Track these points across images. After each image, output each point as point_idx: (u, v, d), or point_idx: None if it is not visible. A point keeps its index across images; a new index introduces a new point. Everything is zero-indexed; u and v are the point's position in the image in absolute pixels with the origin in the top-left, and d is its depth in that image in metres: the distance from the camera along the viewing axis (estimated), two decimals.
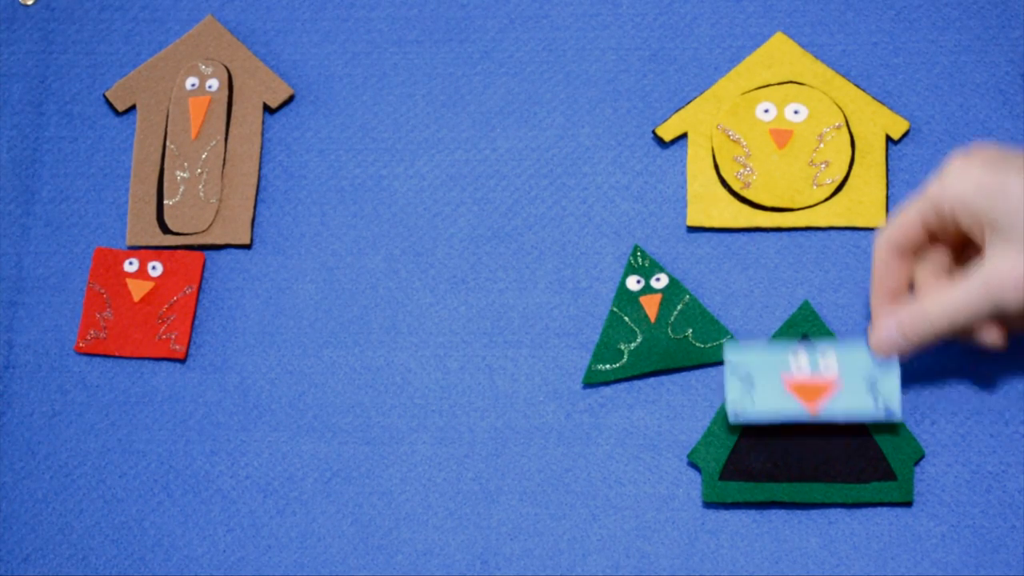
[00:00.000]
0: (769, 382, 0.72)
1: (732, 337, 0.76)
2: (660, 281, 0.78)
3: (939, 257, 0.72)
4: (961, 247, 0.72)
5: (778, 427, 0.74)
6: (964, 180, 0.67)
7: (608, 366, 0.76)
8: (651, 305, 0.77)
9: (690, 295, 0.77)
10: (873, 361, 0.71)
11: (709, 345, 0.76)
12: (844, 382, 0.71)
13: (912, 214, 0.70)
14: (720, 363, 0.76)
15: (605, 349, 0.77)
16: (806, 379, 0.72)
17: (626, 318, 0.77)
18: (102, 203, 0.84)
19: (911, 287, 0.72)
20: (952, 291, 0.69)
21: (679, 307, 0.77)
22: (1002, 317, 0.69)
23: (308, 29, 0.86)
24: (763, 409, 0.71)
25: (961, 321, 0.69)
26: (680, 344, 0.76)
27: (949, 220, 0.69)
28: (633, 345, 0.77)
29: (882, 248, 0.71)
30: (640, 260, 0.78)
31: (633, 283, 0.78)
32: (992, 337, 0.70)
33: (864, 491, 0.73)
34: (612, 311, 0.77)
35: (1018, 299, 0.66)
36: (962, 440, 0.74)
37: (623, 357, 0.76)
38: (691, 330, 0.77)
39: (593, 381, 0.77)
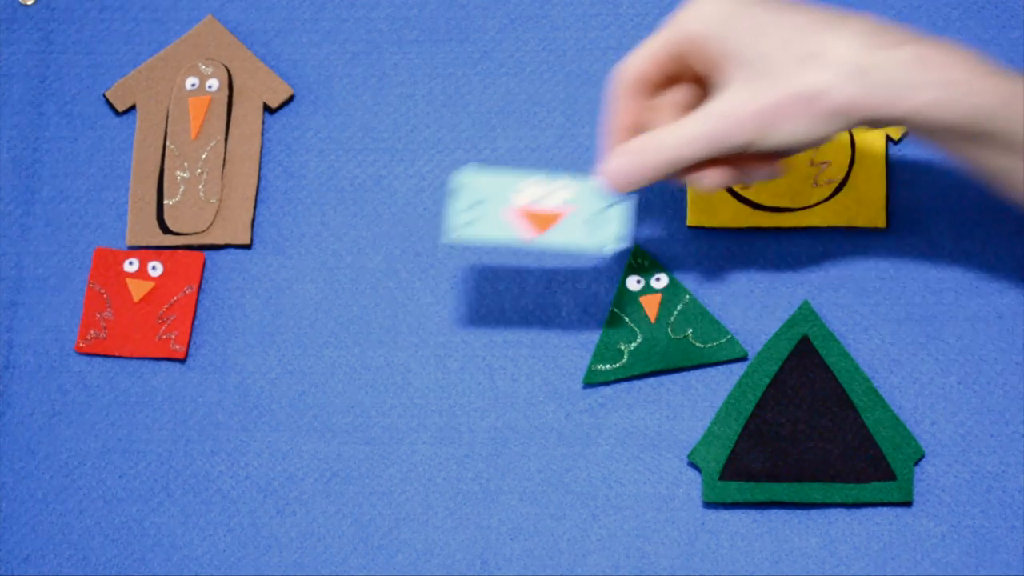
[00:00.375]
0: (495, 207, 0.70)
1: (732, 338, 0.76)
2: (660, 281, 0.78)
3: (679, 95, 0.70)
4: (703, 88, 0.70)
5: (778, 427, 0.74)
6: (706, 9, 0.66)
7: (608, 366, 0.76)
8: (651, 305, 0.77)
9: (690, 295, 0.77)
10: (606, 197, 0.70)
11: (709, 345, 0.76)
12: (572, 215, 0.70)
13: (653, 48, 0.68)
14: (720, 363, 0.76)
15: (605, 349, 0.77)
16: (535, 208, 0.70)
17: (626, 318, 0.77)
18: (102, 203, 0.84)
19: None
20: (680, 126, 0.67)
21: (679, 307, 0.77)
22: (735, 154, 0.68)
23: (308, 29, 0.86)
24: (482, 232, 0.70)
25: (685, 156, 0.67)
26: (680, 344, 0.76)
27: (690, 53, 0.68)
28: (633, 345, 0.77)
29: (620, 82, 0.70)
30: (640, 260, 0.78)
31: (633, 283, 0.78)
32: (714, 177, 0.69)
33: (864, 491, 0.73)
34: (612, 311, 0.77)
35: (741, 135, 0.66)
36: (962, 440, 0.74)
37: (623, 357, 0.76)
38: (691, 330, 0.77)
39: (593, 381, 0.77)
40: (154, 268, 0.81)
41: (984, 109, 0.65)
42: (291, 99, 0.84)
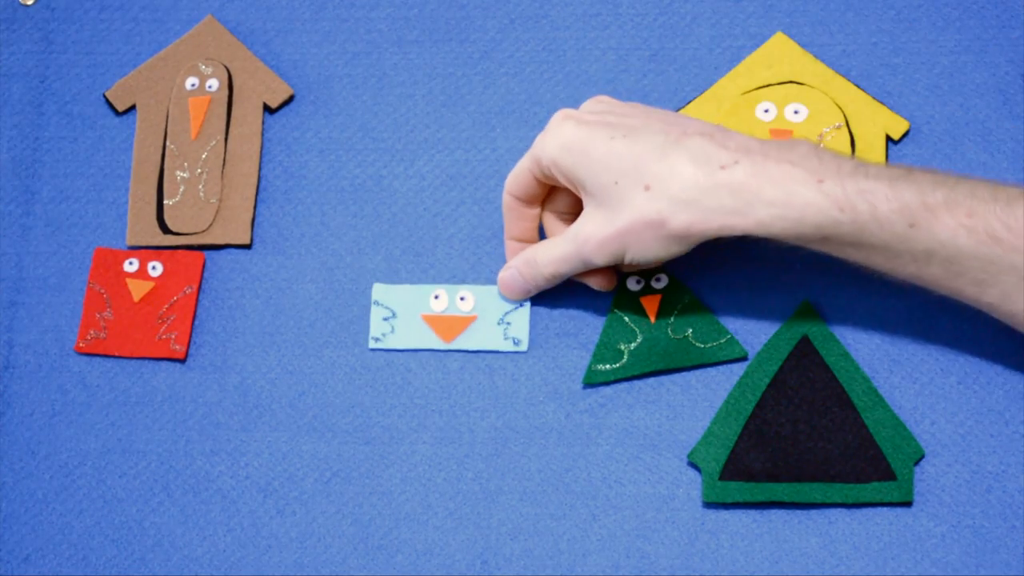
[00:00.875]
0: (409, 318, 0.78)
1: (732, 338, 0.76)
2: (660, 281, 0.78)
3: (561, 201, 0.76)
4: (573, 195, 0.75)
5: (778, 427, 0.74)
6: (558, 146, 0.72)
7: (608, 366, 0.76)
8: (651, 305, 0.77)
9: (691, 295, 0.77)
10: (506, 303, 0.78)
11: (709, 345, 0.76)
12: (480, 318, 0.78)
13: (521, 170, 0.75)
14: (720, 363, 0.76)
15: (605, 349, 0.77)
16: (444, 315, 0.78)
17: (626, 318, 0.77)
18: (102, 203, 0.84)
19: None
20: (553, 243, 0.74)
21: (679, 307, 0.77)
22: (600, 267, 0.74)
23: (308, 29, 0.86)
24: (401, 340, 0.78)
25: (562, 272, 0.75)
26: (680, 344, 0.76)
27: (550, 176, 0.73)
28: (633, 345, 0.77)
29: (505, 197, 0.76)
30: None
31: (633, 283, 0.78)
32: (598, 283, 0.77)
33: (864, 491, 0.73)
34: (612, 311, 0.77)
35: (601, 258, 0.72)
36: (962, 440, 0.74)
37: (623, 357, 0.76)
38: (691, 330, 0.77)
39: (593, 381, 0.77)
40: (154, 268, 0.81)
41: (815, 219, 0.68)
42: (291, 99, 0.84)
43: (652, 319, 0.77)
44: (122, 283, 0.81)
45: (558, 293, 0.79)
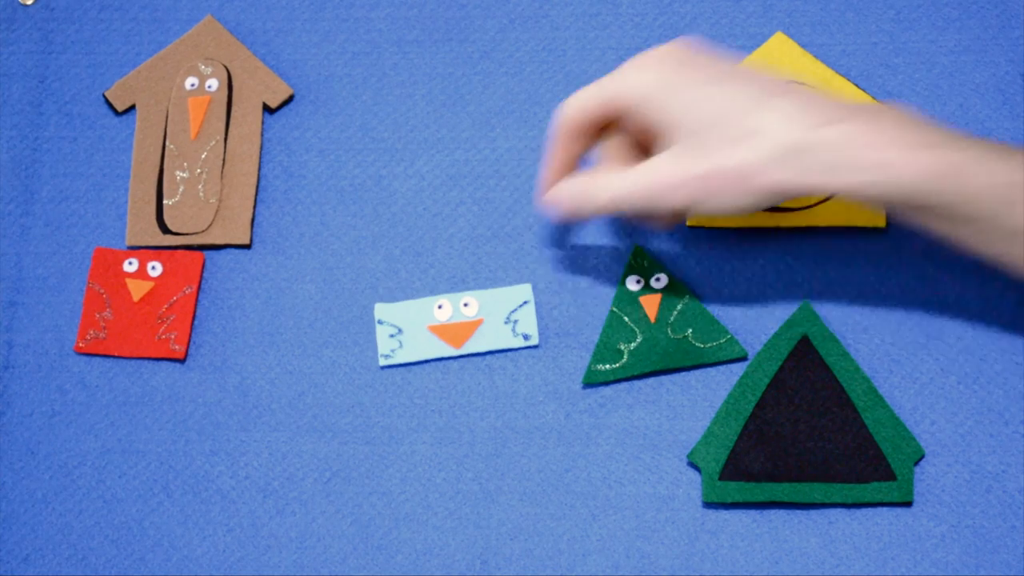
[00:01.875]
0: (416, 331, 0.78)
1: (732, 338, 0.76)
2: (660, 281, 0.78)
3: (622, 138, 0.74)
4: (642, 133, 0.73)
5: (778, 427, 0.74)
6: (643, 76, 0.69)
7: (608, 366, 0.76)
8: (651, 305, 0.77)
9: (690, 295, 0.77)
10: (512, 302, 0.78)
11: (709, 345, 0.76)
12: (486, 321, 0.78)
13: (595, 98, 0.71)
14: (720, 363, 0.76)
15: (605, 349, 0.77)
16: (451, 323, 0.78)
17: (626, 318, 0.77)
18: (102, 203, 0.83)
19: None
20: (619, 176, 0.71)
21: (679, 307, 0.77)
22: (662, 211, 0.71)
23: (308, 29, 0.86)
24: (411, 354, 0.78)
25: (621, 204, 0.71)
26: (680, 344, 0.76)
27: (626, 112, 0.71)
28: (633, 345, 0.77)
29: (561, 124, 0.73)
30: (640, 260, 0.78)
31: (633, 283, 0.78)
32: (660, 224, 0.75)
33: (864, 491, 0.73)
34: (612, 311, 0.77)
35: (675, 199, 0.69)
36: (962, 440, 0.74)
37: (623, 357, 0.76)
38: (691, 330, 0.77)
39: (593, 381, 0.77)
40: (154, 268, 0.81)
41: (914, 186, 0.66)
42: (291, 99, 0.84)
43: (652, 319, 0.77)
44: (122, 283, 0.81)
45: (558, 293, 0.79)
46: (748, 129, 0.67)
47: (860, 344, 0.76)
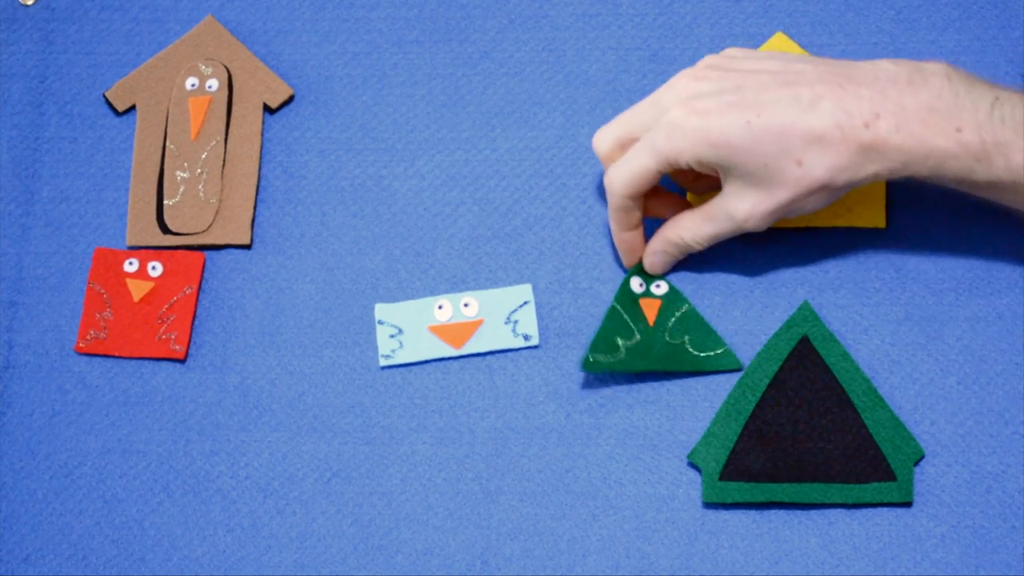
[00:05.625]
0: (417, 331, 0.78)
1: (728, 349, 0.76)
2: (660, 288, 0.78)
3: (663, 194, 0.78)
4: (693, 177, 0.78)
5: (778, 427, 0.74)
6: (691, 139, 0.71)
7: (605, 357, 0.76)
8: (650, 309, 0.77)
9: (689, 305, 0.77)
10: (511, 302, 0.79)
11: (705, 354, 0.76)
12: (486, 321, 0.78)
13: (646, 169, 0.73)
14: (716, 372, 0.76)
15: (603, 341, 0.76)
16: (451, 324, 0.78)
17: (626, 316, 0.77)
18: (102, 203, 0.83)
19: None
20: (701, 223, 0.75)
21: (676, 315, 0.77)
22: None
23: (308, 29, 0.86)
24: (412, 354, 0.78)
25: (713, 242, 0.76)
26: (676, 349, 0.76)
27: (680, 170, 0.75)
28: (631, 343, 0.77)
29: (618, 201, 0.75)
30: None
31: (636, 285, 0.78)
32: None
33: (864, 491, 0.73)
34: (613, 306, 0.77)
35: (760, 227, 0.74)
36: (962, 440, 0.74)
37: (620, 352, 0.76)
38: (688, 337, 0.77)
39: (590, 370, 0.76)
40: (154, 268, 0.81)
41: (953, 170, 0.71)
42: (291, 99, 0.84)
43: (650, 322, 0.77)
44: (122, 283, 0.81)
45: (558, 293, 0.79)
46: (803, 153, 0.70)
47: (860, 344, 0.76)
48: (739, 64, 0.73)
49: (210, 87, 0.84)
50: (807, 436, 0.74)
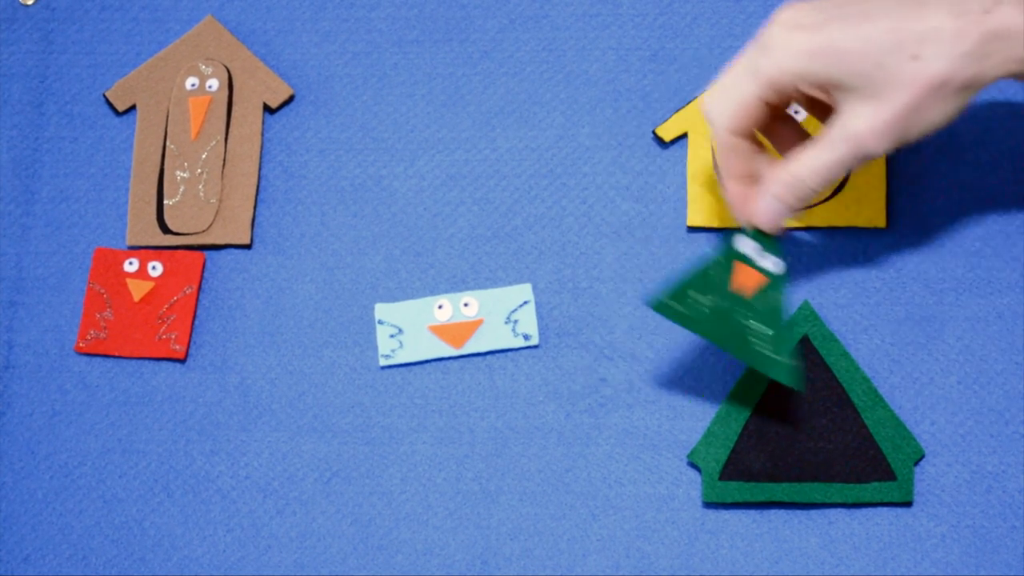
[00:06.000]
0: (417, 331, 0.78)
1: (790, 362, 0.71)
2: (770, 263, 0.71)
3: (787, 129, 0.72)
4: (808, 104, 0.71)
5: (778, 427, 0.74)
6: (794, 53, 0.66)
7: (676, 305, 0.71)
8: (747, 278, 0.71)
9: (783, 297, 0.71)
10: (512, 302, 0.78)
11: (767, 354, 0.71)
12: (486, 321, 0.78)
13: (749, 96, 0.68)
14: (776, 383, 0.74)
15: (679, 288, 0.71)
16: (451, 323, 0.78)
17: (712, 273, 0.71)
18: (102, 203, 0.84)
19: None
20: (818, 153, 0.68)
21: (770, 302, 0.71)
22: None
23: (308, 29, 0.86)
24: (411, 354, 0.78)
25: (833, 177, 0.69)
26: (746, 336, 0.71)
27: (790, 91, 0.68)
28: (705, 303, 0.71)
29: (724, 138, 0.70)
30: (763, 234, 0.72)
31: (745, 245, 0.71)
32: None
33: (864, 491, 0.73)
34: (711, 259, 0.71)
35: (881, 146, 0.67)
36: (962, 440, 0.74)
37: (693, 307, 0.71)
38: (765, 329, 0.71)
39: (657, 310, 0.71)
40: (154, 268, 0.81)
41: None
42: (291, 99, 0.84)
43: (737, 291, 0.71)
44: (122, 283, 0.81)
45: (558, 293, 0.79)
46: (918, 44, 0.65)
47: (860, 344, 0.76)
48: None
49: (210, 87, 0.84)
50: (807, 436, 0.74)
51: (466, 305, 0.79)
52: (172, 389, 0.80)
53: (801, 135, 0.72)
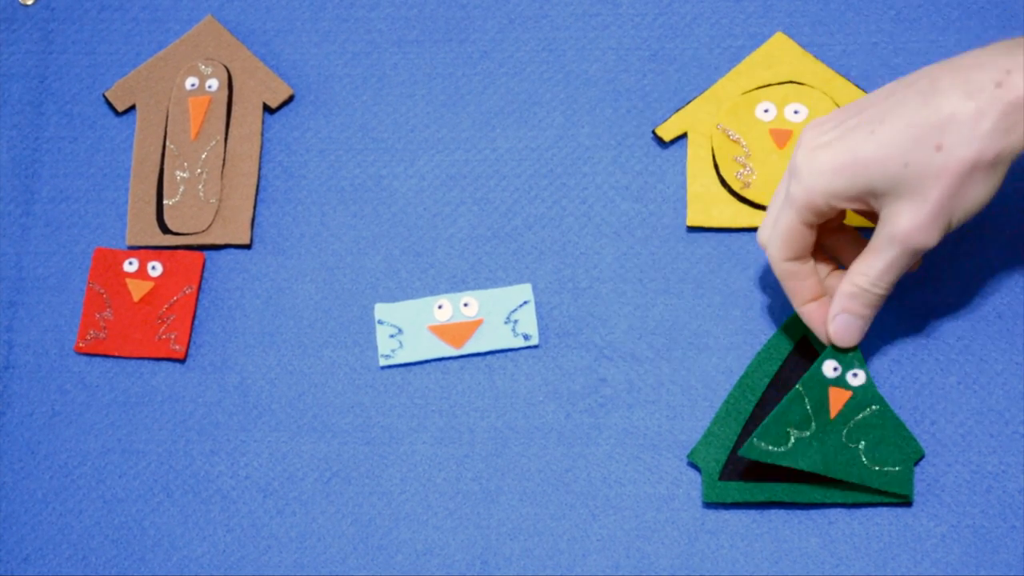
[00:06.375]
0: (417, 331, 0.78)
1: (904, 468, 0.72)
2: (857, 378, 0.72)
3: (844, 236, 0.73)
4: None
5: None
6: (820, 173, 0.67)
7: (771, 447, 0.72)
8: (838, 399, 0.72)
9: (882, 405, 0.72)
10: (510, 301, 0.78)
11: (876, 468, 0.72)
12: (486, 321, 0.78)
13: (792, 224, 0.69)
14: (882, 493, 0.73)
15: (775, 426, 0.72)
16: (451, 323, 0.78)
17: (808, 403, 0.72)
18: (102, 203, 0.84)
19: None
20: (872, 260, 0.69)
21: (864, 414, 0.72)
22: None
23: (308, 29, 0.86)
24: (411, 354, 0.78)
25: (894, 279, 0.69)
26: (848, 453, 0.72)
27: (831, 211, 0.69)
28: (805, 434, 0.72)
29: (781, 267, 0.71)
30: (847, 348, 0.73)
31: (829, 369, 0.72)
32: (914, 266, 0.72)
33: (864, 491, 0.73)
34: (797, 390, 0.72)
35: (931, 238, 0.67)
36: (962, 440, 0.74)
37: (789, 441, 0.72)
38: (864, 443, 0.72)
39: (750, 456, 0.72)
40: (154, 268, 0.81)
41: None
42: (291, 99, 0.84)
43: (832, 414, 0.72)
44: (122, 283, 0.81)
45: (558, 293, 0.79)
46: (940, 134, 0.65)
47: (860, 344, 0.76)
48: (866, 97, 0.69)
49: (210, 87, 0.84)
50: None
51: (466, 305, 0.79)
52: (172, 389, 0.80)
53: (860, 243, 0.72)
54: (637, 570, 0.74)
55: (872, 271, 0.69)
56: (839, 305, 0.71)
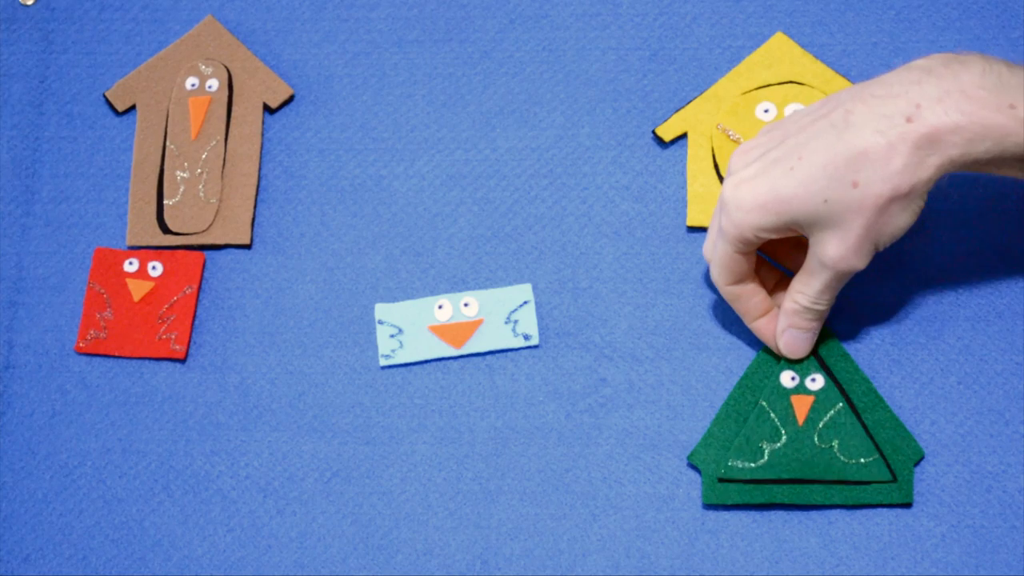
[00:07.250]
0: (417, 330, 0.78)
1: (878, 457, 0.73)
2: (815, 382, 0.74)
3: (792, 246, 0.75)
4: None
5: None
6: (746, 210, 0.69)
7: (745, 463, 0.73)
8: (802, 406, 0.74)
9: (844, 403, 0.74)
10: (511, 301, 0.78)
11: (853, 461, 0.73)
12: (487, 321, 0.78)
13: (727, 255, 0.71)
14: (864, 483, 0.73)
15: (746, 444, 0.73)
16: (451, 323, 0.78)
17: (773, 415, 0.74)
18: (102, 203, 0.84)
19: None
20: (808, 279, 0.71)
21: (830, 414, 0.73)
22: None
23: (308, 29, 0.86)
24: (412, 354, 0.78)
25: (832, 296, 0.72)
26: (823, 454, 0.73)
27: (761, 242, 0.71)
28: (776, 445, 0.73)
29: (726, 291, 0.73)
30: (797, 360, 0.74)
31: (787, 379, 0.74)
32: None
33: (864, 492, 0.73)
34: (760, 404, 0.74)
35: (860, 262, 0.69)
36: (962, 440, 0.74)
37: (763, 456, 0.73)
38: (837, 442, 0.73)
39: (728, 477, 0.73)
40: (154, 268, 0.81)
41: (1013, 146, 0.66)
42: (291, 99, 0.84)
43: (800, 421, 0.73)
44: (122, 283, 0.81)
45: (558, 293, 0.79)
46: (855, 172, 0.66)
47: (860, 344, 0.76)
48: (790, 118, 0.71)
49: (210, 87, 0.84)
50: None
51: (466, 305, 0.79)
52: (172, 389, 0.80)
53: (801, 245, 0.73)
54: (637, 570, 0.74)
55: (810, 290, 0.71)
56: (785, 321, 0.73)
